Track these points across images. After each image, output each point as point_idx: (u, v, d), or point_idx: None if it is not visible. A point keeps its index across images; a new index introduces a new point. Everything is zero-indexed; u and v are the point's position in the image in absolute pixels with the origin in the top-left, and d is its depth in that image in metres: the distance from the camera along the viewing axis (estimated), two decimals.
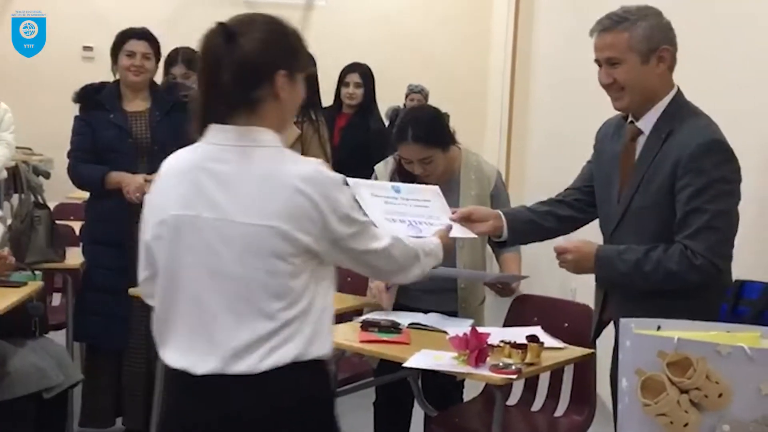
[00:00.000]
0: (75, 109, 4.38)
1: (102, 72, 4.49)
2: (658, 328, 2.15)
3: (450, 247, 2.78)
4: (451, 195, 3.64)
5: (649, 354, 1.99)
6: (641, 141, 2.84)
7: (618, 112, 2.96)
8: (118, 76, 4.36)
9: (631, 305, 2.76)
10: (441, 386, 3.67)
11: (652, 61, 2.74)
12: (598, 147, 3.06)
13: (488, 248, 3.82)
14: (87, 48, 6.85)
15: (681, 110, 2.80)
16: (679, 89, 2.82)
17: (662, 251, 2.72)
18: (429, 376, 3.49)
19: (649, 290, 2.77)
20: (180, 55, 5.06)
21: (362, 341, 3.35)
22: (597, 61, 2.82)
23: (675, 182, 2.72)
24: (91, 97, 4.31)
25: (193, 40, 2.29)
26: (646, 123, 2.82)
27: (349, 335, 3.43)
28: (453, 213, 3.07)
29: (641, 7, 2.80)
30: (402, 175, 3.72)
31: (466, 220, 3.05)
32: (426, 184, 3.58)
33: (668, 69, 2.79)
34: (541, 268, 5.04)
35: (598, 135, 3.06)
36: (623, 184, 2.88)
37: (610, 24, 2.76)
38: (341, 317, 3.87)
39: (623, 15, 2.76)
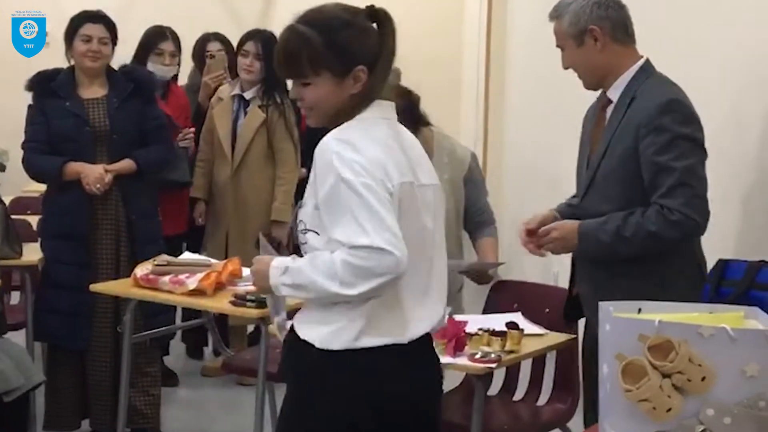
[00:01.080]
0: (28, 98, 4.22)
1: (57, 59, 4.31)
2: (639, 310, 2.10)
3: None
4: None
5: (629, 338, 1.93)
6: (609, 110, 2.97)
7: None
8: (72, 62, 4.18)
9: (598, 274, 2.93)
10: None
11: (588, 41, 2.91)
12: (582, 128, 3.16)
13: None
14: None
15: (645, 78, 2.91)
16: (648, 60, 2.95)
17: (640, 214, 2.80)
18: None
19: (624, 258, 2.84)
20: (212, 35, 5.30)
21: None
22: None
23: (638, 145, 2.81)
24: (44, 85, 4.14)
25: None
26: (614, 92, 2.95)
27: None
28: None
29: None
30: None
31: (531, 235, 3.05)
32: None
33: (614, 42, 2.91)
34: (522, 252, 4.95)
35: (584, 119, 3.18)
36: (592, 151, 3.00)
37: (551, 15, 2.99)
38: None
39: (557, 6, 2.98)
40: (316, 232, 2.21)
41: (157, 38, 4.98)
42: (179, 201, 4.98)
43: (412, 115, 3.57)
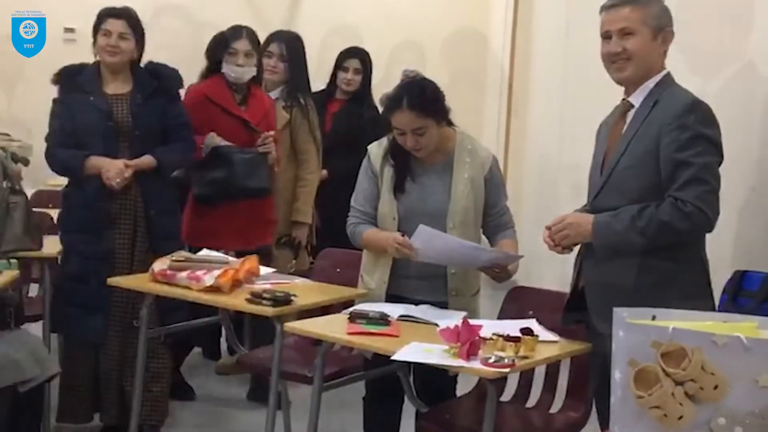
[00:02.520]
0: (54, 92, 4.25)
1: (85, 55, 4.34)
2: (653, 317, 2.08)
3: None
4: (444, 177, 3.62)
5: (642, 344, 1.94)
6: (631, 114, 3.01)
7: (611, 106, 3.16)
8: (97, 57, 4.22)
9: (605, 268, 2.97)
10: (433, 381, 3.55)
11: (659, 38, 2.98)
12: (596, 140, 3.20)
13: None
14: (69, 30, 6.76)
15: (668, 85, 2.99)
16: (669, 72, 3.03)
17: (654, 207, 2.86)
18: (421, 370, 3.40)
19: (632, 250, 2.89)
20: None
21: (350, 333, 3.27)
22: (606, 33, 3.02)
23: (659, 143, 2.88)
24: (70, 79, 4.17)
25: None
26: (637, 97, 3.00)
27: (336, 328, 3.34)
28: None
29: None
30: (395, 154, 3.64)
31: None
32: (417, 159, 3.60)
33: (665, 50, 3.02)
34: (540, 259, 4.94)
35: (597, 133, 3.22)
36: (608, 152, 3.05)
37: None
38: (329, 309, 3.77)
39: None
40: None
41: (231, 37, 4.74)
42: (261, 210, 4.77)
43: (440, 110, 3.60)
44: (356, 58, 5.55)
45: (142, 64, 4.26)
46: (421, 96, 3.54)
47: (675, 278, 2.88)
